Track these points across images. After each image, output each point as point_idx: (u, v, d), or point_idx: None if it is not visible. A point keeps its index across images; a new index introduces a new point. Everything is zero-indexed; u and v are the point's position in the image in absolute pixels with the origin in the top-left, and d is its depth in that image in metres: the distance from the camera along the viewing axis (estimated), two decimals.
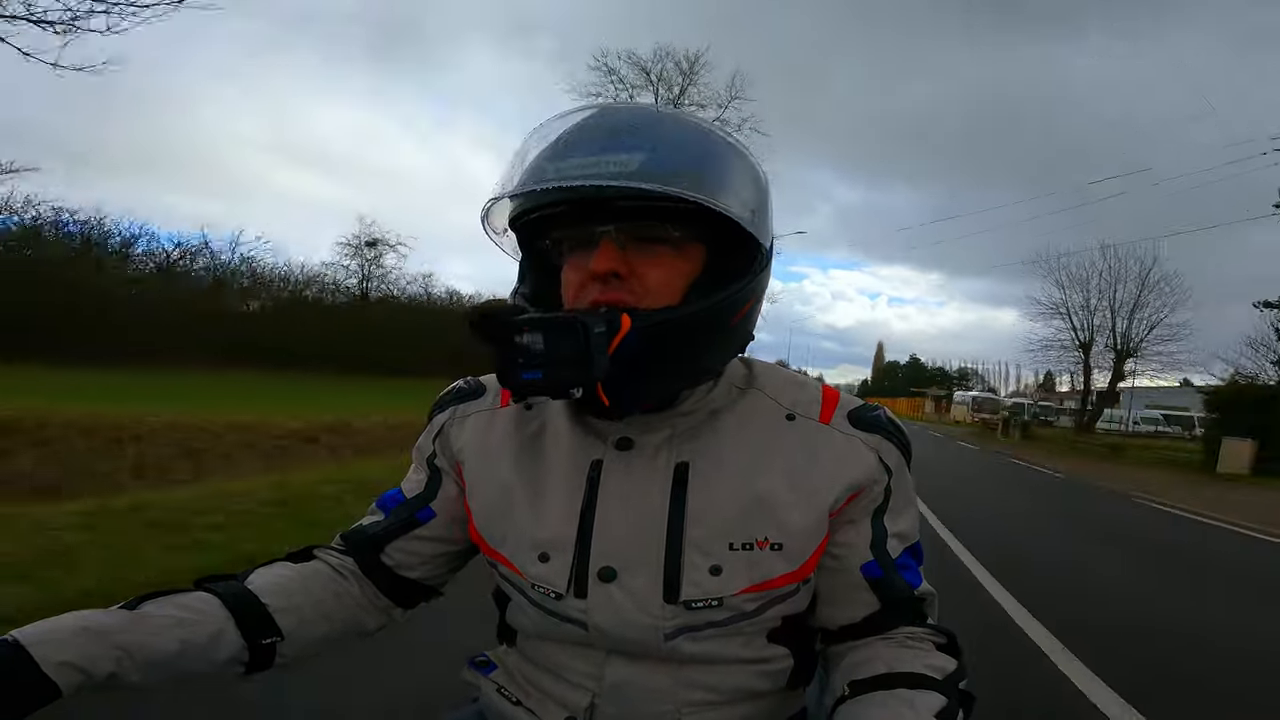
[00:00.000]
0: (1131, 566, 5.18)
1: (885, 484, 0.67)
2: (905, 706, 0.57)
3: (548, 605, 0.65)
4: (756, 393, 0.69)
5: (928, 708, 0.57)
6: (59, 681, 0.52)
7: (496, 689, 0.72)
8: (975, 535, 5.56)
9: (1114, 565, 5.16)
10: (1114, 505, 9.27)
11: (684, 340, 0.60)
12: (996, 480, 11.60)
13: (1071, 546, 5.86)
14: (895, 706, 0.58)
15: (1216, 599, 4.44)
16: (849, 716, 0.59)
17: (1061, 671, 2.81)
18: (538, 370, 0.56)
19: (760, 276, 0.64)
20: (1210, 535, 7.34)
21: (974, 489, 9.85)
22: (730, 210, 0.58)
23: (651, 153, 0.57)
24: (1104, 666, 2.84)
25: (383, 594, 0.74)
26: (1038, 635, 3.23)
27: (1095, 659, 2.91)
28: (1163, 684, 2.80)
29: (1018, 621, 3.43)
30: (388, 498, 0.77)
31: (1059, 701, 2.56)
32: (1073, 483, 11.87)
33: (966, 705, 0.60)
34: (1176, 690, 2.76)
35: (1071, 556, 5.41)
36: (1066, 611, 3.60)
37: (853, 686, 0.61)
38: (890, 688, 0.60)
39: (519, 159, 0.62)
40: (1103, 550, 5.77)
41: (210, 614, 0.62)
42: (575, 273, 0.62)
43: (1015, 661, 2.93)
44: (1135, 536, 6.67)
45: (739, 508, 0.63)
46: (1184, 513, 8.75)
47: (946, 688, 0.60)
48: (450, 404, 0.76)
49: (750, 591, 0.63)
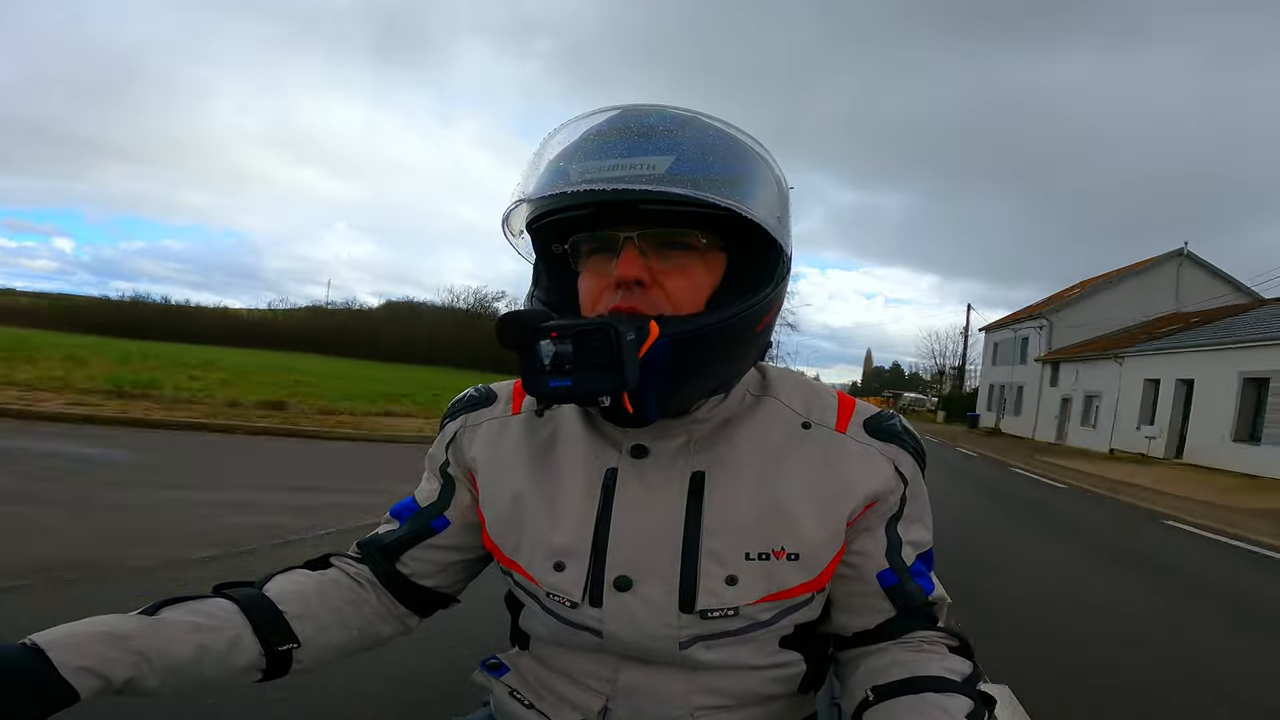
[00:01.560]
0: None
1: (901, 493, 0.67)
2: (939, 710, 0.57)
3: (562, 613, 0.65)
4: (772, 400, 0.69)
5: (960, 709, 0.57)
6: (77, 686, 0.52)
7: (509, 692, 0.72)
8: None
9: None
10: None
11: (709, 348, 0.59)
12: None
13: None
14: (928, 710, 0.57)
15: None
16: None
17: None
18: (567, 378, 0.55)
19: (782, 285, 0.63)
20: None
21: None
22: (758, 216, 0.57)
23: (680, 156, 0.56)
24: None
25: (399, 602, 0.74)
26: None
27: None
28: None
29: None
30: (402, 507, 0.76)
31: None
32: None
33: (990, 706, 0.61)
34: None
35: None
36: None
37: (877, 691, 0.61)
38: (916, 691, 0.59)
39: (538, 160, 0.60)
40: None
41: (228, 620, 0.62)
42: (594, 278, 0.61)
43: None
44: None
45: (755, 517, 0.63)
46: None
47: (968, 690, 0.60)
48: (462, 412, 0.76)
49: (766, 601, 0.63)
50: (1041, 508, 8.94)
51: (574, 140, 0.59)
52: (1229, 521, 8.38)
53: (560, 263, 0.65)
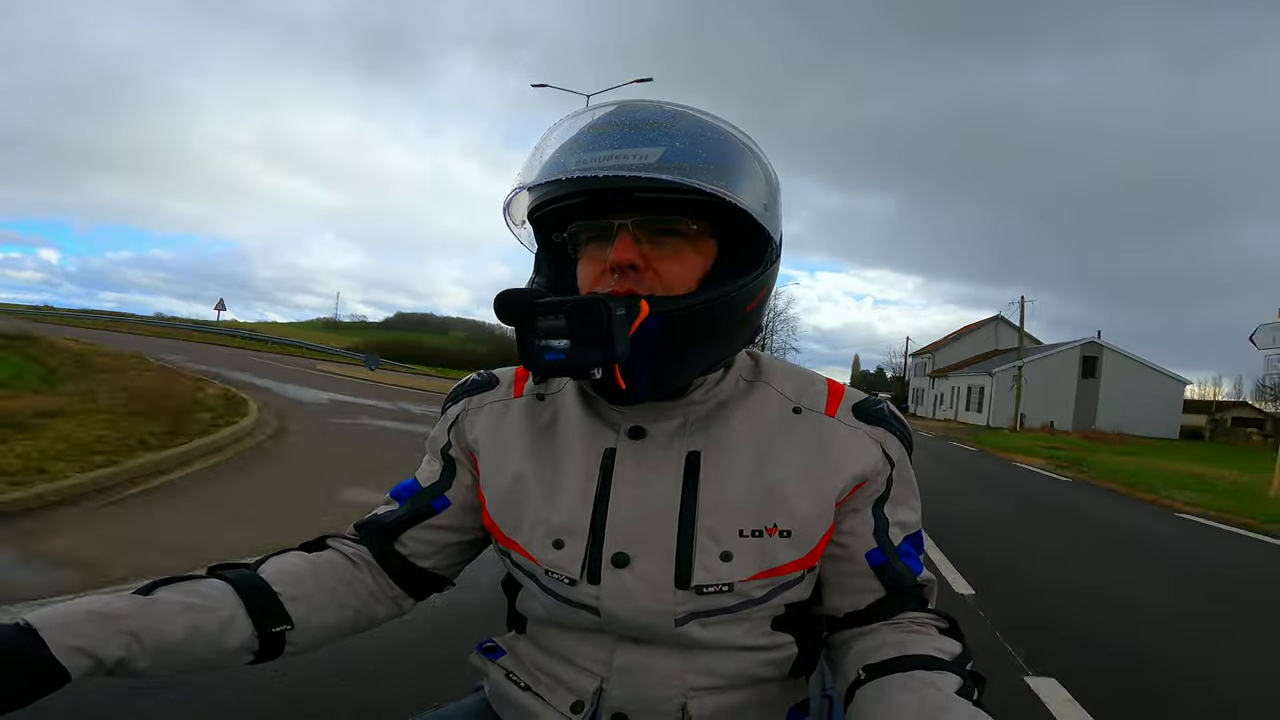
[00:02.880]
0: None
1: (888, 475, 0.69)
2: (928, 686, 0.58)
3: (560, 591, 0.66)
4: (764, 385, 0.71)
5: (949, 686, 0.59)
6: (68, 666, 0.51)
7: (505, 674, 0.73)
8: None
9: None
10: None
11: (700, 328, 0.61)
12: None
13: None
14: (918, 687, 0.59)
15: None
16: (872, 697, 0.60)
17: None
18: (560, 352, 0.57)
19: (771, 269, 0.66)
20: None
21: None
22: (744, 203, 0.60)
23: (670, 146, 0.59)
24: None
25: (395, 583, 0.75)
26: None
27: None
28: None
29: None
30: (402, 487, 0.77)
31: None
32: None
33: (980, 685, 0.62)
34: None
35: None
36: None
37: (868, 670, 0.63)
38: (906, 669, 0.61)
39: (539, 153, 0.63)
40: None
41: (221, 601, 0.62)
42: (591, 265, 0.64)
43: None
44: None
45: (749, 496, 0.65)
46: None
47: (957, 668, 0.62)
48: (464, 395, 0.77)
49: (760, 578, 0.64)
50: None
51: (573, 134, 0.62)
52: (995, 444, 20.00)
53: (560, 251, 0.68)
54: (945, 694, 0.57)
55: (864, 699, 0.61)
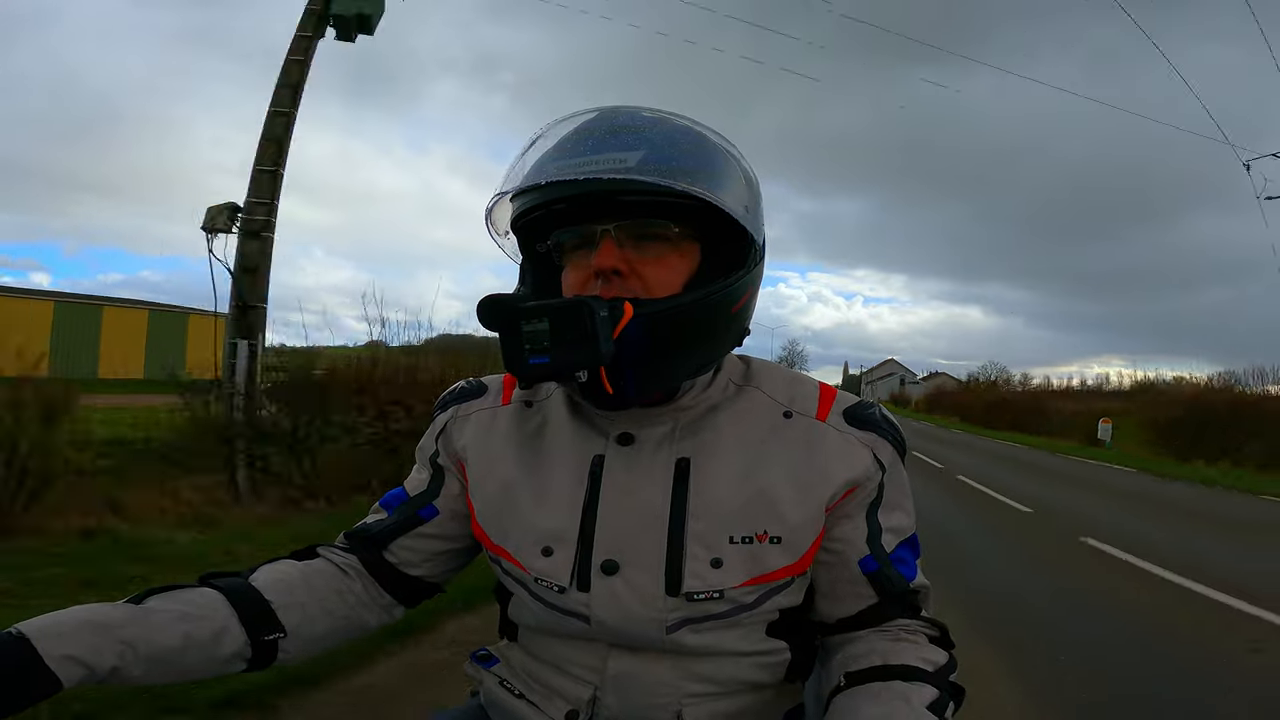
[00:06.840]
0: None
1: (879, 480, 0.68)
2: (900, 699, 0.58)
3: (550, 599, 0.66)
4: (754, 390, 0.70)
5: (921, 700, 0.59)
6: (60, 675, 0.52)
7: (499, 682, 0.72)
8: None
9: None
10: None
11: (685, 329, 0.61)
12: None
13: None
14: (889, 699, 0.59)
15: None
16: (846, 707, 0.60)
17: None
18: (544, 355, 0.57)
19: (756, 270, 0.65)
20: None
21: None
22: (726, 204, 0.60)
23: (650, 150, 0.59)
24: None
25: (385, 591, 0.74)
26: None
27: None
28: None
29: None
30: (391, 496, 0.77)
31: None
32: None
33: (957, 698, 0.62)
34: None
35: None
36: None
37: (849, 678, 0.62)
38: (885, 679, 0.61)
39: (521, 161, 0.63)
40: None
41: (214, 609, 0.62)
42: (576, 272, 0.64)
43: None
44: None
45: (739, 502, 0.64)
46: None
47: (938, 680, 0.61)
48: (452, 403, 0.77)
49: (750, 584, 0.64)
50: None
51: (554, 141, 0.62)
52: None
53: (546, 262, 0.68)
54: (913, 709, 0.57)
55: (836, 707, 0.61)
